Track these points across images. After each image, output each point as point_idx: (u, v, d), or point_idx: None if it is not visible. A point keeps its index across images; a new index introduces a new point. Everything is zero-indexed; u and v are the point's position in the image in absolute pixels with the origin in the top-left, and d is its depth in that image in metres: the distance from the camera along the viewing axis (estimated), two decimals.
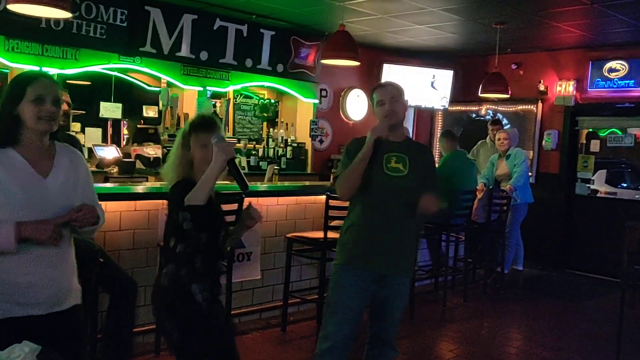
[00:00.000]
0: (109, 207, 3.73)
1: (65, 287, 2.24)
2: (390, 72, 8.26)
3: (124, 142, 6.99)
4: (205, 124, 2.57)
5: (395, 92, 2.98)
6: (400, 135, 3.05)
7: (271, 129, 7.71)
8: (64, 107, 3.85)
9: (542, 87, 7.99)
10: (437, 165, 6.45)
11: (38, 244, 2.09)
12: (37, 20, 5.09)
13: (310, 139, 7.67)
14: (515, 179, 6.59)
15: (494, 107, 8.56)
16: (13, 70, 5.41)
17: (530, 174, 7.41)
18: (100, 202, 2.38)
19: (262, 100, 7.72)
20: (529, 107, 8.19)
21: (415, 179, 2.95)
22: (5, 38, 5.12)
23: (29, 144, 2.17)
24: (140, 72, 6.27)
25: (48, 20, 5.23)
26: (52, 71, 5.44)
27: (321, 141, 7.98)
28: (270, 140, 7.45)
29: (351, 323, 2.96)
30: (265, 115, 7.70)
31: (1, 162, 2.10)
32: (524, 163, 6.68)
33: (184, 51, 6.26)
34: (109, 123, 6.90)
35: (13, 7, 3.89)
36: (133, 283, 3.62)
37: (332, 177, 4.79)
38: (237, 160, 2.51)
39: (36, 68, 5.28)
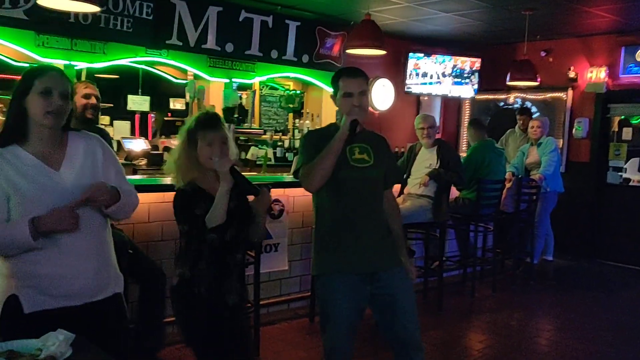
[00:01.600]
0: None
1: (101, 278, 2.23)
2: (416, 61, 8.19)
3: (152, 135, 7.06)
4: (212, 122, 2.55)
5: (364, 86, 2.77)
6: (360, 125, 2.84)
7: (297, 120, 7.71)
8: (93, 100, 3.92)
9: (572, 74, 7.83)
10: (465, 155, 6.44)
11: (62, 234, 2.07)
12: (66, 15, 5.15)
13: None
14: (544, 168, 6.49)
15: (522, 95, 8.43)
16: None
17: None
18: None
19: (287, 92, 7.72)
20: (559, 94, 8.04)
21: (382, 168, 2.83)
22: (35, 34, 5.19)
23: (38, 139, 2.12)
24: (167, 64, 6.31)
25: (77, 15, 5.29)
26: (81, 65, 5.52)
27: None
28: (296, 131, 7.45)
29: (349, 331, 2.78)
30: (290, 106, 7.69)
31: (9, 162, 2.07)
32: (555, 152, 6.58)
33: (210, 43, 6.28)
34: (137, 116, 6.97)
35: (43, 2, 3.94)
36: (162, 274, 3.67)
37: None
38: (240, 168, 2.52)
39: (66, 62, 5.36)
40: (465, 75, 8.44)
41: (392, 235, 2.89)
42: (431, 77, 8.29)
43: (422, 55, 8.22)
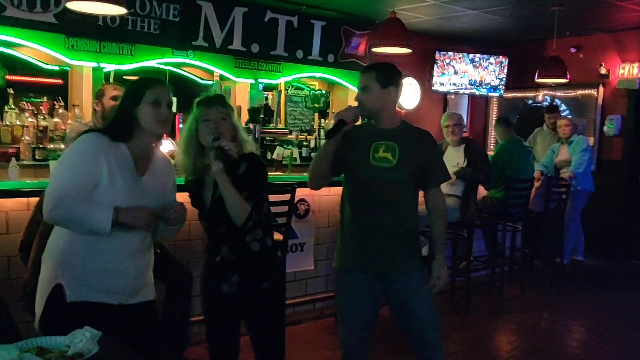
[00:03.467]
0: None
1: (140, 280, 2.33)
2: (441, 67, 8.13)
3: (179, 136, 7.11)
4: (207, 100, 2.60)
5: (364, 82, 2.74)
6: (393, 121, 2.79)
7: (322, 120, 7.69)
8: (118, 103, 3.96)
9: (603, 71, 7.68)
10: (492, 153, 6.36)
11: (132, 229, 2.19)
12: (94, 18, 5.23)
13: None
14: (575, 166, 6.38)
15: (551, 92, 8.29)
16: (73, 68, 5.59)
17: None
18: None
19: (313, 91, 7.72)
20: (589, 91, 7.88)
21: (406, 170, 2.71)
22: (65, 37, 5.29)
23: (138, 143, 2.29)
24: (193, 66, 6.37)
25: (105, 17, 5.37)
26: (109, 67, 5.59)
27: None
28: (322, 131, 7.44)
29: (361, 327, 2.77)
30: (316, 106, 7.68)
31: (113, 153, 2.22)
32: (585, 150, 6.46)
33: (236, 44, 6.32)
34: (178, 116, 7.02)
35: (72, 5, 4.01)
36: (189, 274, 3.70)
37: None
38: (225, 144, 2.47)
39: (94, 64, 5.44)
40: (493, 73, 8.33)
41: (412, 239, 2.82)
42: (458, 75, 8.21)
43: (449, 53, 8.15)
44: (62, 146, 4.77)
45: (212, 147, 2.46)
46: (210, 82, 6.81)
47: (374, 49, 6.16)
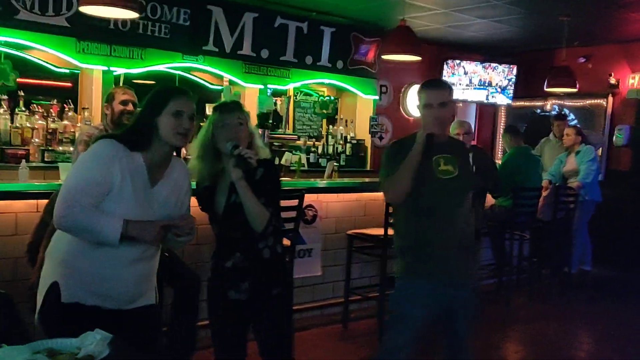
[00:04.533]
0: None
1: (140, 287, 2.32)
2: (451, 67, 8.13)
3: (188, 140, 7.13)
4: (225, 106, 2.60)
5: (445, 98, 2.78)
6: (444, 135, 2.90)
7: (331, 126, 7.70)
8: (130, 107, 3.97)
9: (612, 81, 7.67)
10: (500, 162, 6.35)
11: (140, 242, 2.18)
12: (105, 21, 5.26)
13: (369, 135, 7.62)
14: (583, 176, 6.37)
15: (559, 102, 8.28)
16: (83, 71, 5.62)
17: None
18: None
19: (321, 98, 7.73)
20: (598, 101, 7.87)
21: (467, 178, 2.87)
22: (76, 40, 5.31)
23: (155, 153, 2.27)
24: (202, 70, 6.39)
25: (116, 21, 5.40)
26: (119, 71, 5.61)
27: (381, 138, 7.91)
28: (330, 137, 7.45)
29: (419, 335, 2.85)
30: (324, 112, 7.69)
31: (127, 162, 2.19)
32: (594, 160, 6.45)
33: (246, 49, 6.34)
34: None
35: (85, 9, 4.03)
36: (197, 277, 3.69)
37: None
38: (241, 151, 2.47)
39: (104, 68, 5.47)
40: (501, 82, 8.33)
41: (471, 248, 2.94)
42: (466, 83, 8.21)
43: (457, 61, 8.16)
44: (72, 149, 4.78)
45: (231, 154, 2.45)
46: (219, 87, 6.83)
47: (384, 56, 6.17)
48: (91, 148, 2.21)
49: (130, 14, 4.09)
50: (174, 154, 2.38)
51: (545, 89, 7.09)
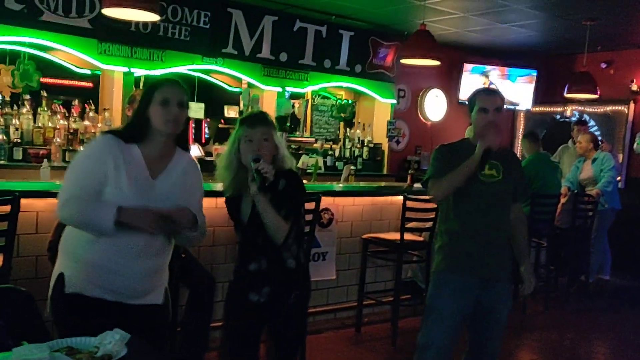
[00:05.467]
0: None
1: (146, 283, 2.33)
2: (471, 72, 8.10)
3: (206, 141, 7.19)
4: (250, 119, 2.60)
5: (500, 103, 2.91)
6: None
7: (348, 130, 7.72)
8: None
9: (634, 87, 7.58)
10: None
11: (136, 230, 2.19)
12: (127, 24, 5.32)
13: (387, 139, 7.62)
14: (603, 184, 6.30)
15: (580, 108, 8.20)
16: (104, 72, 5.69)
17: (618, 178, 7.05)
18: None
19: (339, 101, 7.74)
20: (620, 107, 7.78)
21: (510, 183, 2.95)
22: (98, 42, 5.39)
23: (153, 144, 2.31)
24: (222, 73, 6.43)
25: (137, 23, 5.46)
26: (140, 72, 5.68)
27: (398, 142, 7.91)
28: (347, 140, 7.46)
29: (455, 329, 2.92)
30: (342, 115, 7.71)
31: (124, 154, 2.24)
32: (615, 169, 6.37)
33: (265, 52, 6.37)
34: (191, 122, 7.09)
35: (107, 12, 4.09)
36: (212, 279, 3.72)
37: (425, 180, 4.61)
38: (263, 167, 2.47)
39: (125, 69, 5.53)
40: (520, 87, 8.28)
41: (509, 249, 3.00)
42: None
43: (476, 66, 8.13)
44: None
45: (250, 168, 2.48)
46: (238, 90, 6.88)
47: (403, 60, 6.16)
48: (87, 144, 2.28)
49: (151, 17, 4.14)
50: (182, 150, 2.41)
51: (566, 95, 7.03)
